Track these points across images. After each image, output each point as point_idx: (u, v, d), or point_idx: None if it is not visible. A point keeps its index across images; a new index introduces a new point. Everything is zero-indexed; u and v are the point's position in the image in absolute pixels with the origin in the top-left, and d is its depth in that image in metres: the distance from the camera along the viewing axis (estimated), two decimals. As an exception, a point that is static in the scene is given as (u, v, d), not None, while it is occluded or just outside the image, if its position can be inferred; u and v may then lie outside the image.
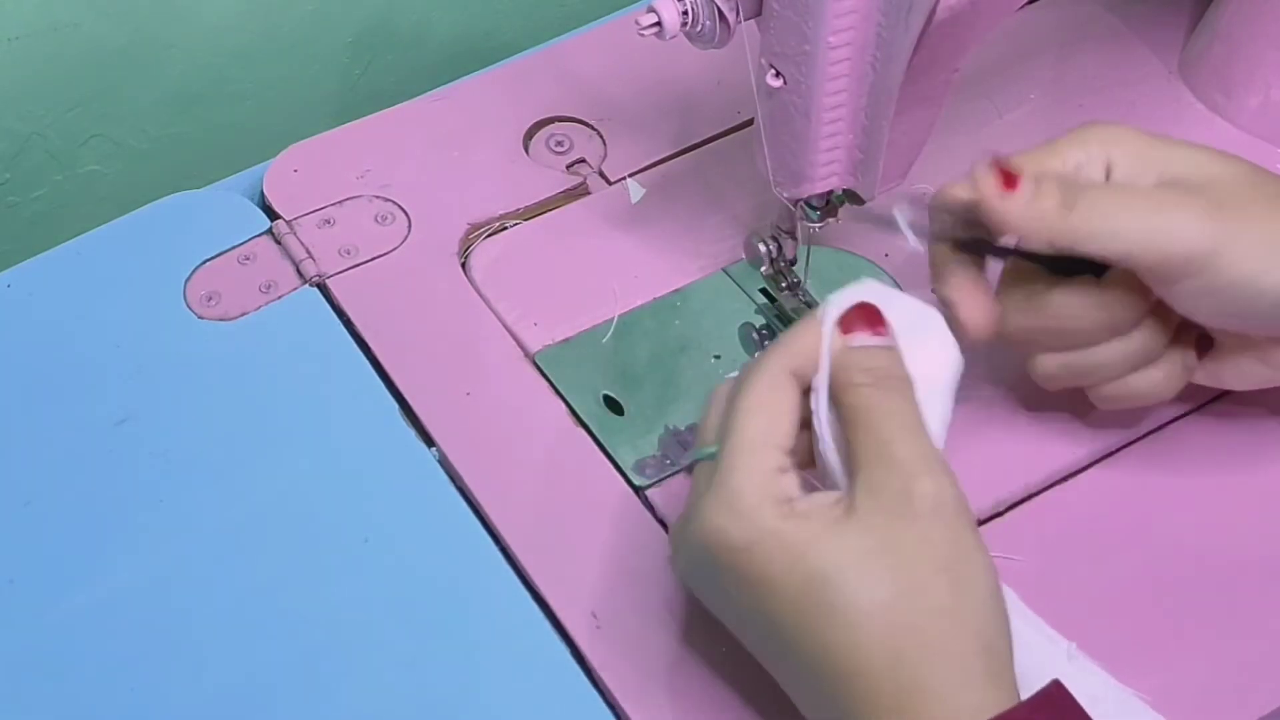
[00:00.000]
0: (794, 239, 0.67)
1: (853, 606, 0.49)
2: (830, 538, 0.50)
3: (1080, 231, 0.55)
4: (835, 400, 0.53)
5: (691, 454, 0.55)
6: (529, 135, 0.77)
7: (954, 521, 0.50)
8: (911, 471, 0.51)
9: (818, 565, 0.50)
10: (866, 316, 0.55)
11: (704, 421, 0.56)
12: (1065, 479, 0.64)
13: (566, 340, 0.68)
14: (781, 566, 0.50)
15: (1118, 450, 0.64)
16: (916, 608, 0.49)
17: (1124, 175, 0.57)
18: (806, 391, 0.54)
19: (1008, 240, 0.59)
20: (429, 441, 0.65)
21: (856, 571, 0.49)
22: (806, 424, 0.54)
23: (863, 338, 0.54)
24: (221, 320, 0.69)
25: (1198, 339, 0.60)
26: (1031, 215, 0.55)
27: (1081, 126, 0.59)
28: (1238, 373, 0.60)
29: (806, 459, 0.55)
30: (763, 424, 0.53)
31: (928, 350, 0.55)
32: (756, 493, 0.51)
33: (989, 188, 0.55)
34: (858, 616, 0.49)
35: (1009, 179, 0.55)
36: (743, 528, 0.51)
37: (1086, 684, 0.55)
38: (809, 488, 0.53)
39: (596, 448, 0.65)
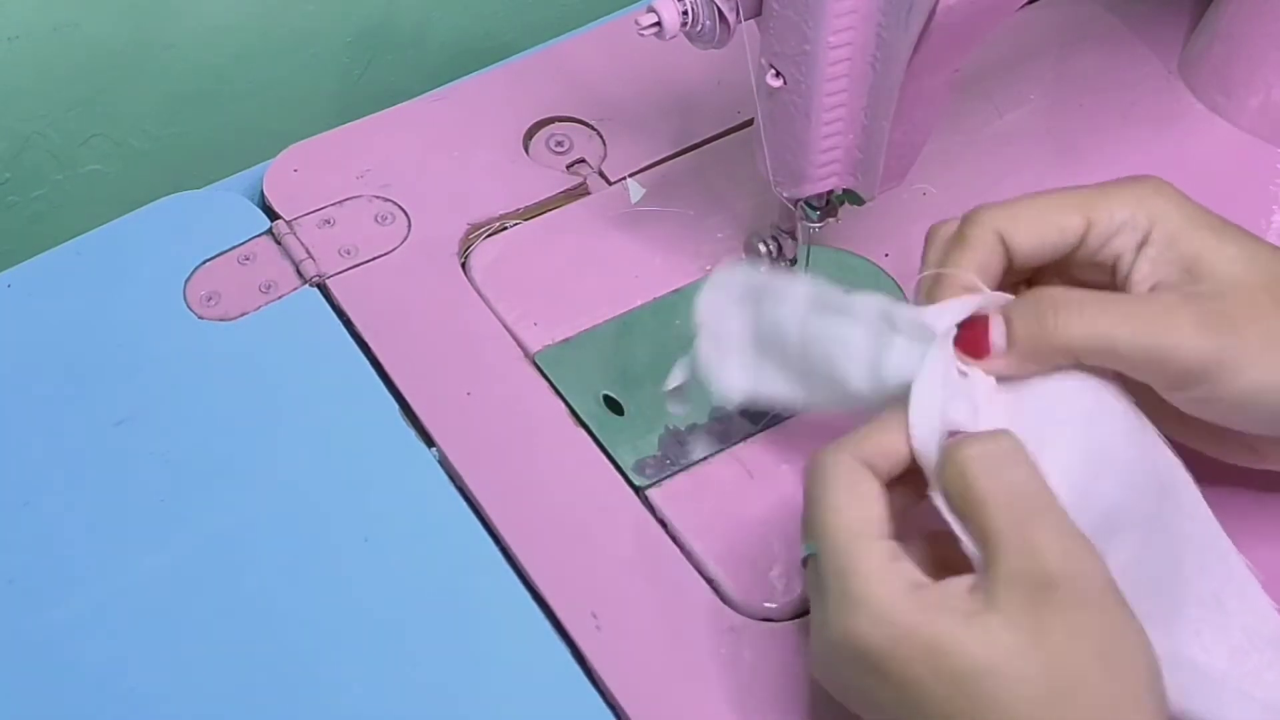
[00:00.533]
0: (794, 239, 0.67)
1: (1008, 707, 0.47)
2: (974, 634, 0.48)
3: (1075, 348, 0.53)
4: (947, 490, 0.51)
5: (805, 546, 0.53)
6: (529, 135, 0.77)
7: (1102, 604, 0.48)
8: (1051, 557, 0.48)
9: (967, 666, 0.47)
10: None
11: (804, 514, 0.54)
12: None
13: (566, 340, 0.68)
14: (927, 669, 0.48)
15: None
16: (1075, 703, 0.47)
17: (1160, 251, 0.56)
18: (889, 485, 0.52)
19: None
20: (429, 441, 0.65)
21: (1007, 670, 0.47)
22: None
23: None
24: (221, 320, 0.69)
25: None
26: (1014, 361, 0.54)
27: (1136, 181, 0.57)
28: (1222, 450, 0.59)
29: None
30: (858, 514, 0.51)
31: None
32: (885, 589, 0.49)
33: (960, 355, 0.54)
34: (1014, 715, 0.47)
35: (974, 339, 0.54)
36: (879, 632, 0.49)
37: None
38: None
39: (596, 448, 0.65)
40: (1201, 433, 0.58)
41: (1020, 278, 0.58)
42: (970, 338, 0.54)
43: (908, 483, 0.53)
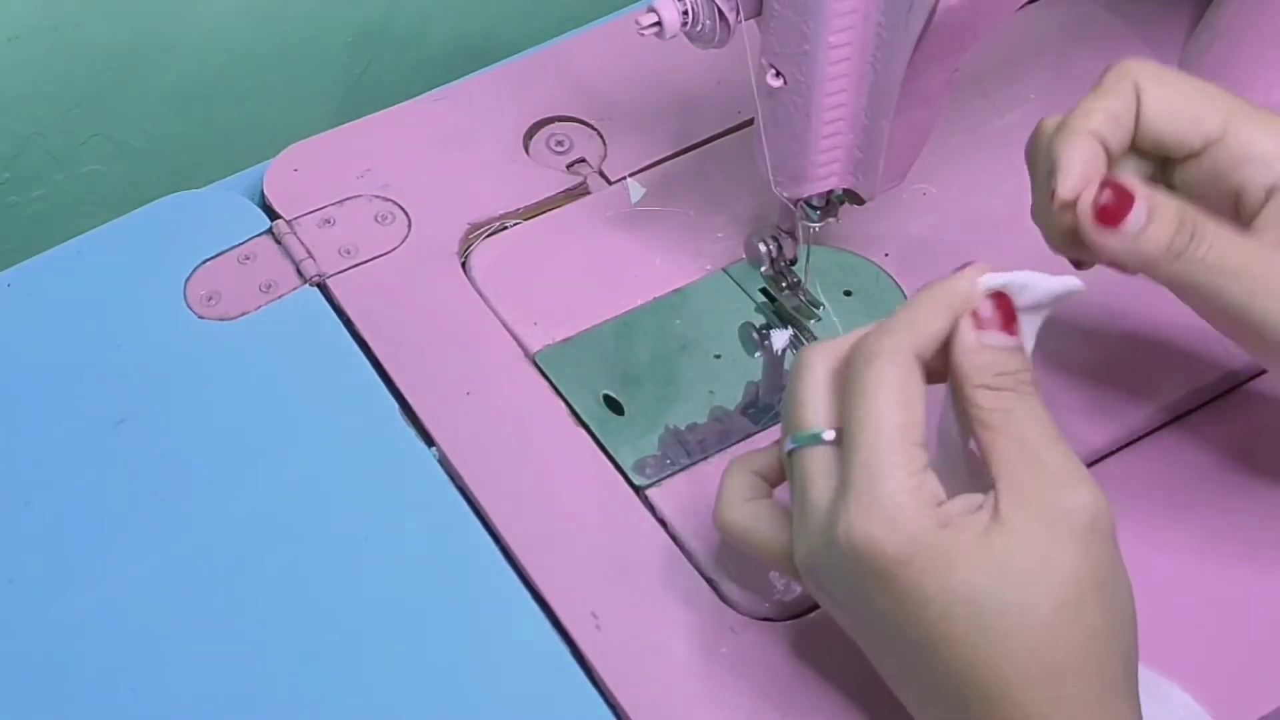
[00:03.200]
0: (794, 239, 0.67)
1: (1011, 623, 0.47)
2: (984, 552, 0.48)
3: (1197, 281, 0.52)
4: (963, 400, 0.50)
5: (789, 439, 0.52)
6: (529, 135, 0.77)
7: (1108, 538, 0.49)
8: (1064, 483, 0.49)
9: (976, 582, 0.48)
10: (1010, 310, 0.51)
11: (797, 400, 0.52)
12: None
13: (566, 340, 0.68)
14: (936, 582, 0.48)
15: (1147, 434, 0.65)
16: (1076, 623, 0.48)
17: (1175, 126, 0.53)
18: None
19: None
20: (429, 441, 0.65)
21: (1015, 589, 0.48)
22: None
23: (997, 337, 0.51)
24: (221, 320, 0.69)
25: None
26: (1135, 254, 0.53)
27: (1117, 67, 0.55)
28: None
29: None
30: (903, 418, 0.49)
31: None
32: (912, 500, 0.48)
33: (1086, 217, 0.53)
34: (1014, 632, 0.47)
35: (1112, 212, 0.52)
36: (899, 540, 0.48)
37: None
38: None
39: (596, 448, 0.65)
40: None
41: (1142, 169, 0.56)
42: (1112, 208, 0.52)
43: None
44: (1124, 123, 0.55)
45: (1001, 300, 0.51)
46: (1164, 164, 0.57)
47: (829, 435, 0.51)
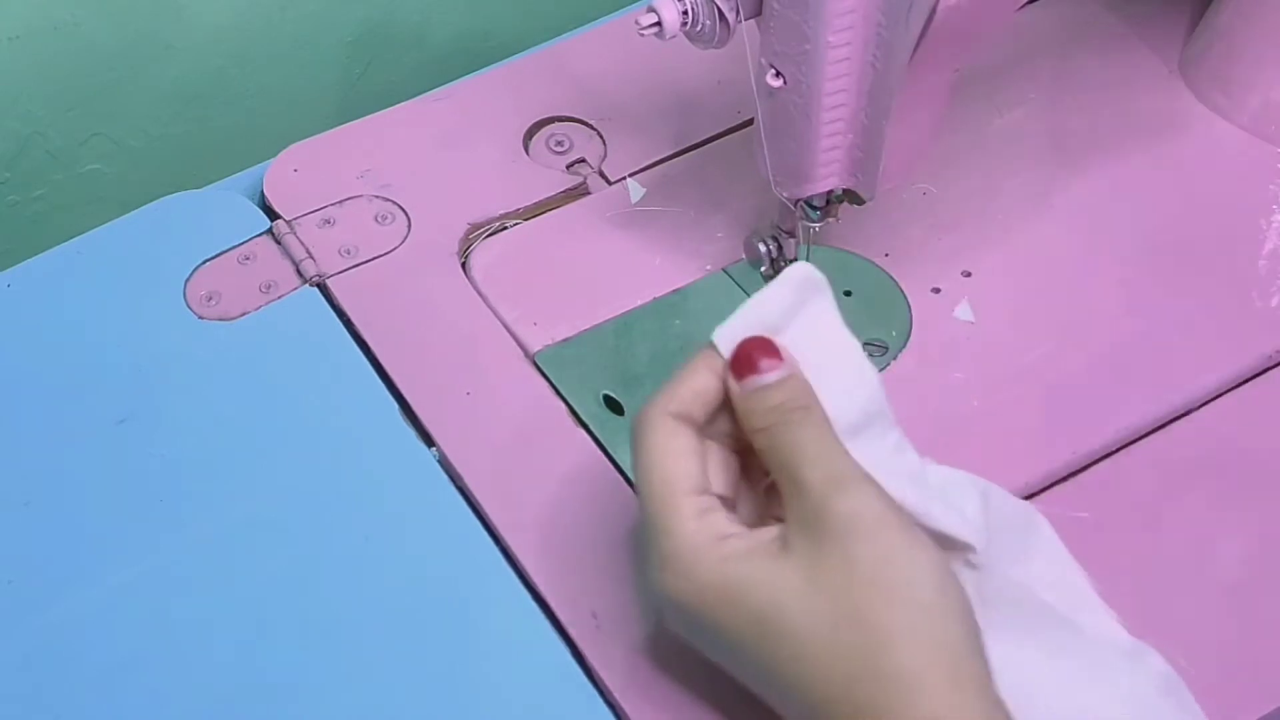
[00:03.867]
0: (794, 239, 0.67)
1: (798, 641, 0.50)
2: (766, 576, 0.51)
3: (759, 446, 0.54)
4: (751, 438, 0.53)
5: None
6: (529, 135, 0.77)
7: (874, 533, 0.50)
8: (821, 494, 0.51)
9: (758, 607, 0.50)
10: (758, 349, 0.53)
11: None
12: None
13: (566, 340, 0.68)
14: (728, 615, 0.51)
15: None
16: (856, 628, 0.49)
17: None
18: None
19: None
20: (429, 441, 0.65)
21: (794, 607, 0.50)
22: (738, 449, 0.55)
23: (754, 380, 0.53)
24: (221, 320, 0.69)
25: None
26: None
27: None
28: None
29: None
30: (673, 471, 0.53)
31: (836, 377, 0.54)
32: (688, 545, 0.52)
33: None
34: (805, 649, 0.49)
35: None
36: (686, 584, 0.52)
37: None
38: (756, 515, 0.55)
39: (596, 448, 0.65)
40: None
41: None
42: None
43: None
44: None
45: (747, 345, 0.54)
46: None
47: None
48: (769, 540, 0.51)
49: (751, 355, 0.53)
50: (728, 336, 0.54)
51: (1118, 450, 0.65)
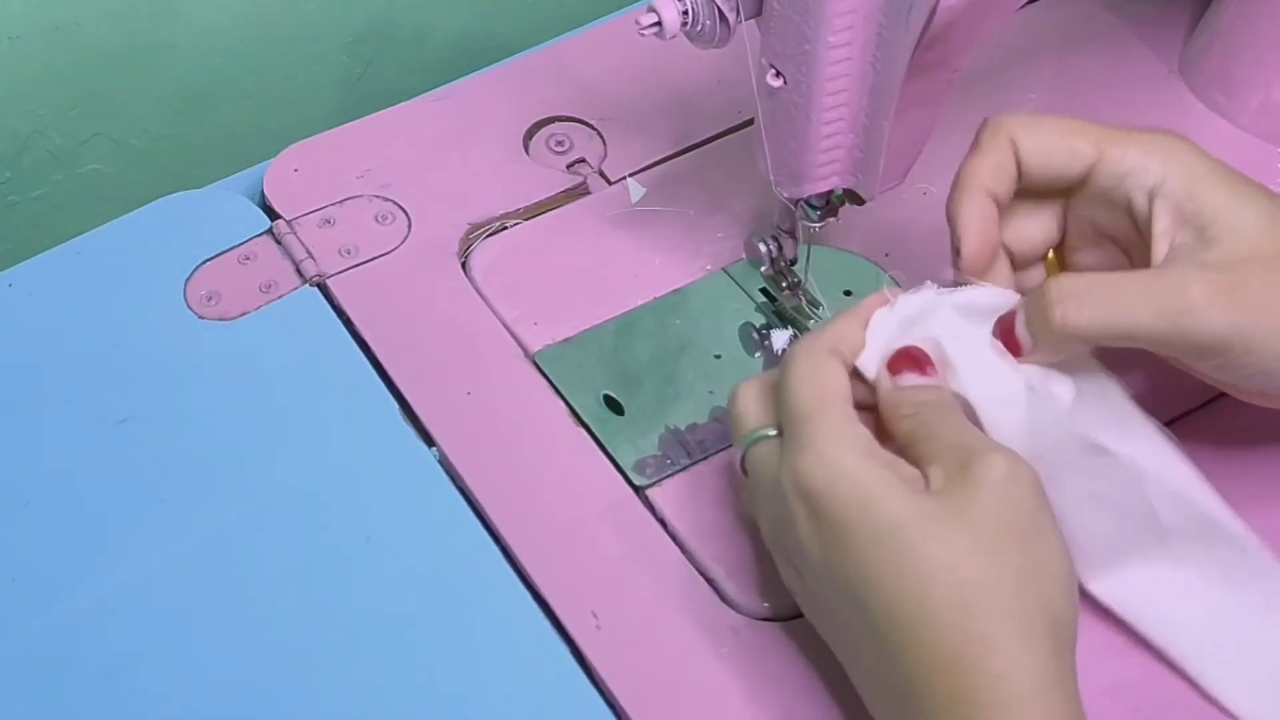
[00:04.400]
0: (794, 239, 0.67)
1: (927, 557, 0.49)
2: (907, 493, 0.50)
3: (1088, 337, 0.54)
4: (894, 433, 0.54)
5: (742, 441, 0.56)
6: (529, 135, 0.77)
7: (1029, 493, 0.51)
8: (981, 449, 0.51)
9: (895, 515, 0.50)
10: (914, 358, 0.55)
11: (739, 412, 0.56)
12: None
13: (566, 340, 0.68)
14: (858, 512, 0.50)
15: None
16: (989, 564, 0.49)
17: (1171, 206, 0.56)
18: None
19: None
20: (429, 441, 0.65)
21: (933, 526, 0.50)
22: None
23: (911, 378, 0.54)
24: (221, 320, 0.69)
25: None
26: (1043, 355, 0.55)
27: (1154, 130, 0.57)
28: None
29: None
30: (822, 384, 0.53)
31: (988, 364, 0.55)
32: (835, 436, 0.52)
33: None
34: (931, 566, 0.49)
35: (1011, 344, 0.56)
36: (824, 469, 0.51)
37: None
38: None
39: (596, 448, 0.65)
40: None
41: (1044, 212, 0.60)
42: (1005, 338, 0.56)
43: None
44: (1006, 173, 0.58)
45: (911, 349, 0.55)
46: (1066, 204, 0.60)
47: (771, 432, 0.55)
48: (909, 468, 0.52)
49: (909, 358, 0.55)
50: (900, 306, 0.56)
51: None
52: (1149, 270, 0.56)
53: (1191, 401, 0.65)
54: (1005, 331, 0.56)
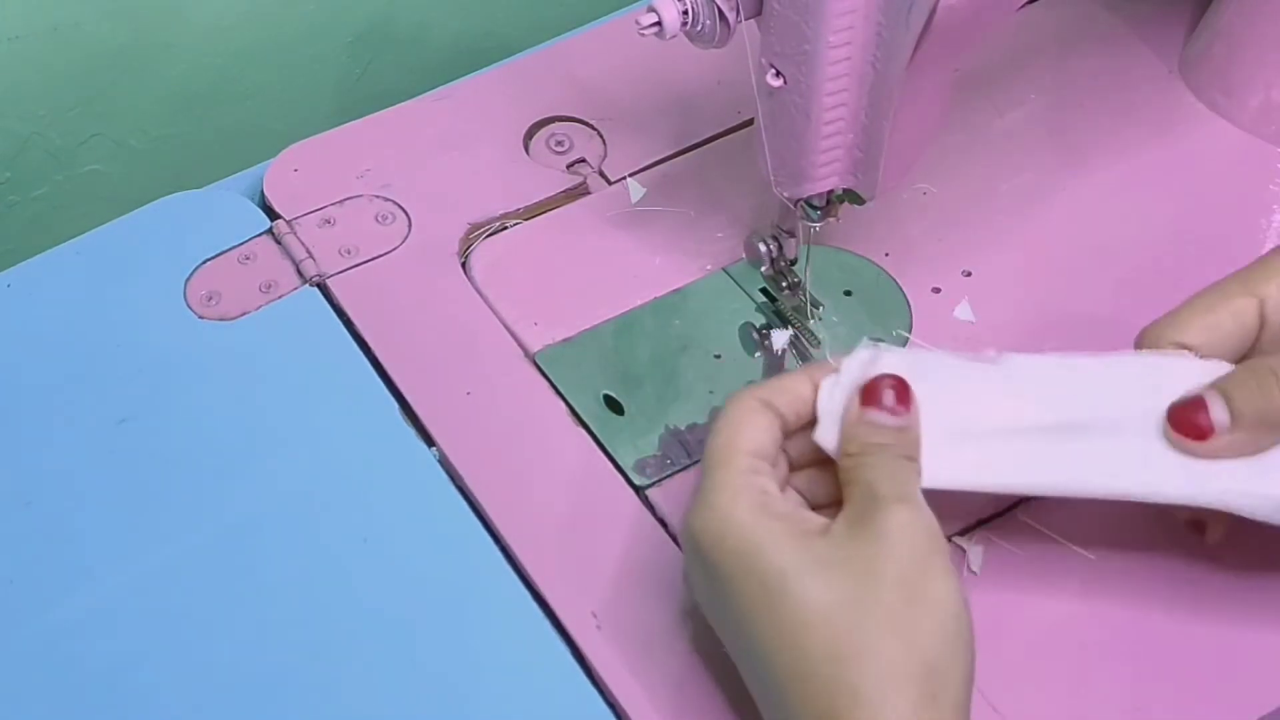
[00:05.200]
0: (794, 239, 0.67)
1: (804, 606, 0.50)
2: (794, 541, 0.51)
3: None
4: (839, 461, 0.54)
5: None
6: (529, 135, 0.77)
7: (924, 546, 0.51)
8: (884, 501, 0.51)
9: (776, 563, 0.50)
10: (896, 386, 0.54)
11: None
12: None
13: (566, 340, 0.68)
14: (744, 564, 0.51)
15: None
16: (863, 613, 0.49)
17: None
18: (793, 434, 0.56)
19: None
20: (429, 441, 0.65)
21: (811, 574, 0.50)
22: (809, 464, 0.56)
23: (880, 415, 0.54)
24: (221, 320, 0.69)
25: None
26: (1243, 438, 0.54)
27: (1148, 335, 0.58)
28: None
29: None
30: (732, 435, 0.54)
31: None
32: (728, 491, 0.52)
33: (1180, 441, 0.55)
34: (807, 616, 0.50)
35: (1197, 427, 0.54)
36: (714, 523, 0.52)
37: None
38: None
39: (596, 448, 0.65)
40: None
41: None
42: (1187, 420, 0.54)
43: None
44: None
45: (886, 379, 0.54)
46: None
47: None
48: (811, 518, 0.53)
49: (883, 390, 0.54)
50: (858, 361, 0.56)
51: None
52: None
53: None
54: (1189, 417, 0.54)
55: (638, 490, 0.63)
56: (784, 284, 0.69)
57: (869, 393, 0.54)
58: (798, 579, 0.50)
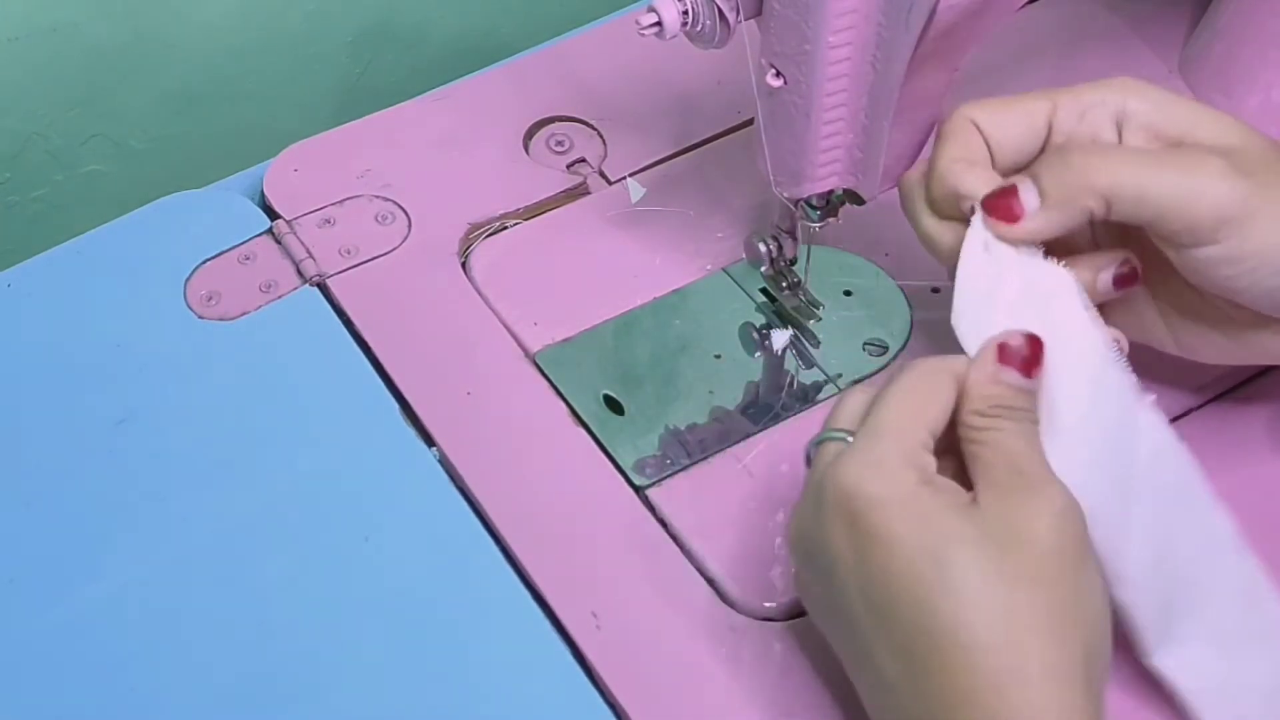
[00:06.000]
0: (794, 239, 0.67)
1: (974, 581, 0.49)
2: (959, 515, 0.50)
3: (1105, 191, 0.54)
4: (961, 420, 0.53)
5: (819, 435, 0.55)
6: (529, 135, 0.77)
7: (1079, 529, 0.50)
8: (1041, 480, 0.51)
9: (947, 533, 0.49)
10: (1025, 356, 0.53)
11: (836, 408, 0.56)
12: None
13: (567, 340, 0.68)
14: (910, 527, 0.50)
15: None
16: (1033, 596, 0.49)
17: (1142, 125, 0.57)
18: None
19: None
20: (429, 441, 0.65)
21: (985, 550, 0.49)
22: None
23: (1013, 375, 0.53)
24: (221, 320, 0.69)
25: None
26: (1048, 217, 0.56)
27: (1106, 79, 0.58)
28: (1210, 346, 0.60)
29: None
30: (915, 405, 0.52)
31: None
32: (901, 458, 0.51)
33: (994, 225, 0.56)
34: (975, 593, 0.48)
35: (1009, 210, 0.56)
36: (883, 483, 0.50)
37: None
38: None
39: (596, 448, 0.65)
40: (1194, 322, 0.59)
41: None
42: (1001, 205, 0.56)
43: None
44: (974, 155, 0.58)
45: (1034, 343, 0.53)
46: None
47: (849, 438, 0.53)
48: (963, 492, 0.51)
49: (1020, 349, 0.53)
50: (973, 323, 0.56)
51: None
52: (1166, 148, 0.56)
53: (1192, 401, 0.65)
54: (1003, 203, 0.56)
55: (638, 490, 0.63)
56: (784, 284, 0.69)
57: (1007, 351, 0.53)
58: (971, 554, 0.49)
